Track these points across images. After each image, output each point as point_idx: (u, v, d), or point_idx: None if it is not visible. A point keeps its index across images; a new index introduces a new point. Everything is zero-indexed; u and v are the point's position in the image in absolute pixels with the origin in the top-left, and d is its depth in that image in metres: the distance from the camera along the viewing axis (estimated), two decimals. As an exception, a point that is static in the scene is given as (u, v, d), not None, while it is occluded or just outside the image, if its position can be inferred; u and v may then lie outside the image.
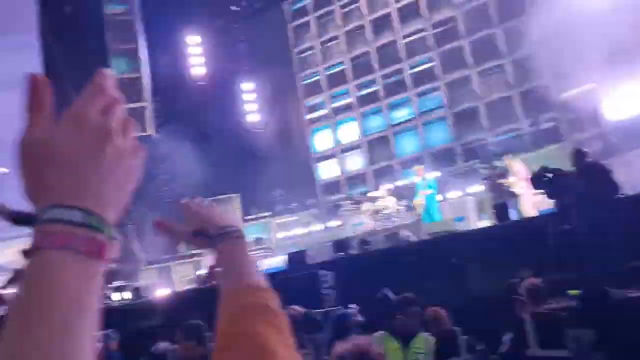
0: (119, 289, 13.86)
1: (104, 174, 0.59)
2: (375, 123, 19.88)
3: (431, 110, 18.82)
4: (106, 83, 0.63)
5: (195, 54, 21.11)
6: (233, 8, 21.08)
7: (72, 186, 0.57)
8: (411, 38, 19.31)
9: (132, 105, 18.27)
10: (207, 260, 14.81)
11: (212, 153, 18.44)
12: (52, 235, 0.54)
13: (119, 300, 13.43)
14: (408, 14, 19.36)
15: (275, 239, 16.97)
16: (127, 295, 13.65)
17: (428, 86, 18.83)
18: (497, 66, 17.56)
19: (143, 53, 18.60)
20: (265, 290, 0.94)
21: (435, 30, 18.80)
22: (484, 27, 17.75)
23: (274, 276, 9.94)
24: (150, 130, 18.18)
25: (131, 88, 18.24)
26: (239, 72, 22.14)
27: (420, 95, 19.01)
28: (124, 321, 9.57)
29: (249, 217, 18.54)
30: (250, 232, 17.86)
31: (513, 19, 16.70)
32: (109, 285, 14.85)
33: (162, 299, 12.94)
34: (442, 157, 17.88)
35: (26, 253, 0.54)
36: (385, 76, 19.64)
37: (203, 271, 14.28)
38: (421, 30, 19.06)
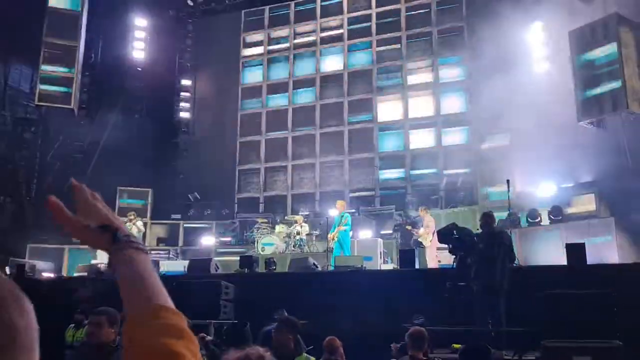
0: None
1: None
2: (305, 153, 20.09)
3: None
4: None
5: (139, 37, 20.54)
6: (189, 2, 20.82)
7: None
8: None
9: (59, 71, 17.42)
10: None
11: (134, 142, 17.93)
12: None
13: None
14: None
15: (181, 243, 16.61)
16: (7, 271, 12.71)
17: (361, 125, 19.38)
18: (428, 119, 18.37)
19: (82, 21, 17.71)
20: (178, 313, 0.96)
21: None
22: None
23: (173, 279, 9.75)
24: (74, 105, 17.34)
25: (64, 54, 17.39)
26: (181, 67, 21.80)
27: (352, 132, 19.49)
28: None
29: (157, 216, 18.07)
30: (155, 233, 17.41)
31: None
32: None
33: (46, 281, 12.26)
34: (362, 197, 18.35)
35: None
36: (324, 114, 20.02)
37: (99, 262, 13.68)
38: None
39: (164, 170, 18.59)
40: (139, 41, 20.52)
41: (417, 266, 10.82)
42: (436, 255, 12.38)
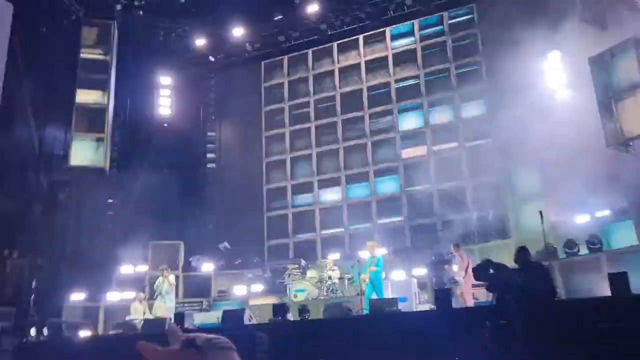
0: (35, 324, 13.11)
1: None
2: (332, 196, 20.16)
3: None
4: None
5: (164, 95, 21.21)
6: (210, 58, 21.45)
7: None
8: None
9: (91, 133, 18.01)
10: (137, 304, 14.29)
11: (164, 196, 18.19)
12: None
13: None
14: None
15: (214, 294, 16.58)
16: (45, 332, 12.81)
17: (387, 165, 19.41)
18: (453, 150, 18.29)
19: (111, 84, 18.51)
20: None
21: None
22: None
23: (207, 332, 9.69)
24: (105, 164, 17.84)
25: (95, 116, 18.06)
26: (205, 120, 22.29)
27: (377, 174, 19.52)
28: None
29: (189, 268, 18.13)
30: (188, 285, 17.43)
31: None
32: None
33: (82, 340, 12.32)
34: (392, 235, 18.16)
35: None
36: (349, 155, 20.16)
37: (134, 317, 13.74)
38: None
39: (194, 223, 18.76)
40: (165, 98, 21.17)
41: (454, 305, 10.58)
42: (472, 293, 12.11)
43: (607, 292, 8.04)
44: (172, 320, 11.96)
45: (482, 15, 18.45)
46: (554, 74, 15.57)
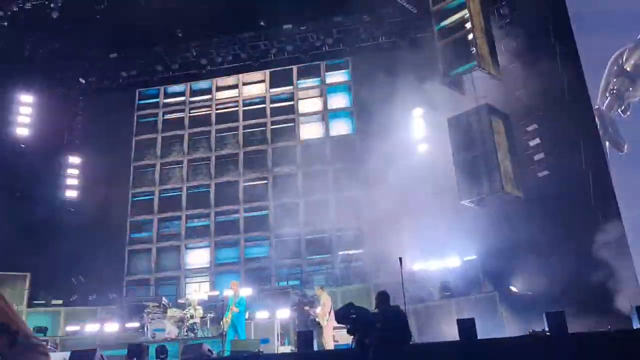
0: None
1: None
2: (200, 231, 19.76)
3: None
4: None
5: (24, 113, 19.50)
6: (81, 80, 20.31)
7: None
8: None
9: None
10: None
11: (13, 221, 16.59)
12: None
13: None
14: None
15: (62, 332, 15.25)
16: None
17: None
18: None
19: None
20: None
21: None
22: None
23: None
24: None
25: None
26: (69, 144, 20.85)
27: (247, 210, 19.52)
28: None
29: (36, 301, 16.59)
30: (33, 321, 15.91)
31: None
32: None
33: None
34: (258, 275, 18.11)
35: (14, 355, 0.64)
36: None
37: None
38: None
39: (47, 253, 17.25)
40: (24, 117, 19.47)
41: (315, 347, 10.70)
42: (333, 335, 12.37)
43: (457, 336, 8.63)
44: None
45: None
46: (417, 128, 16.87)
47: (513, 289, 13.21)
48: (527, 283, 12.85)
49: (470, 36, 13.65)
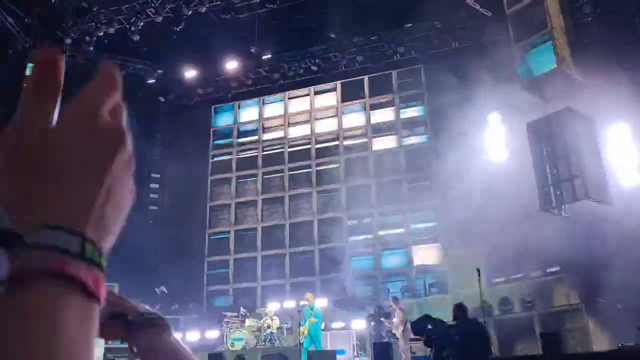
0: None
1: (109, 190, 0.47)
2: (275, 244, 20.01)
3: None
4: (118, 77, 0.53)
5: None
6: (160, 99, 21.28)
7: (71, 202, 0.43)
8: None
9: None
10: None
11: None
12: (51, 262, 0.40)
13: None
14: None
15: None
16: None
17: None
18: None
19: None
20: None
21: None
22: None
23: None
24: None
25: None
26: (151, 160, 21.84)
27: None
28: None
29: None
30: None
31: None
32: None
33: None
34: (332, 287, 18.09)
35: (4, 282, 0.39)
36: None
37: None
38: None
39: (130, 265, 18.07)
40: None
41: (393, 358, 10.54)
42: (410, 347, 12.11)
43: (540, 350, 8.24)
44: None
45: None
46: (495, 135, 16.29)
47: (601, 301, 12.43)
48: (616, 295, 12.05)
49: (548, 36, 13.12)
